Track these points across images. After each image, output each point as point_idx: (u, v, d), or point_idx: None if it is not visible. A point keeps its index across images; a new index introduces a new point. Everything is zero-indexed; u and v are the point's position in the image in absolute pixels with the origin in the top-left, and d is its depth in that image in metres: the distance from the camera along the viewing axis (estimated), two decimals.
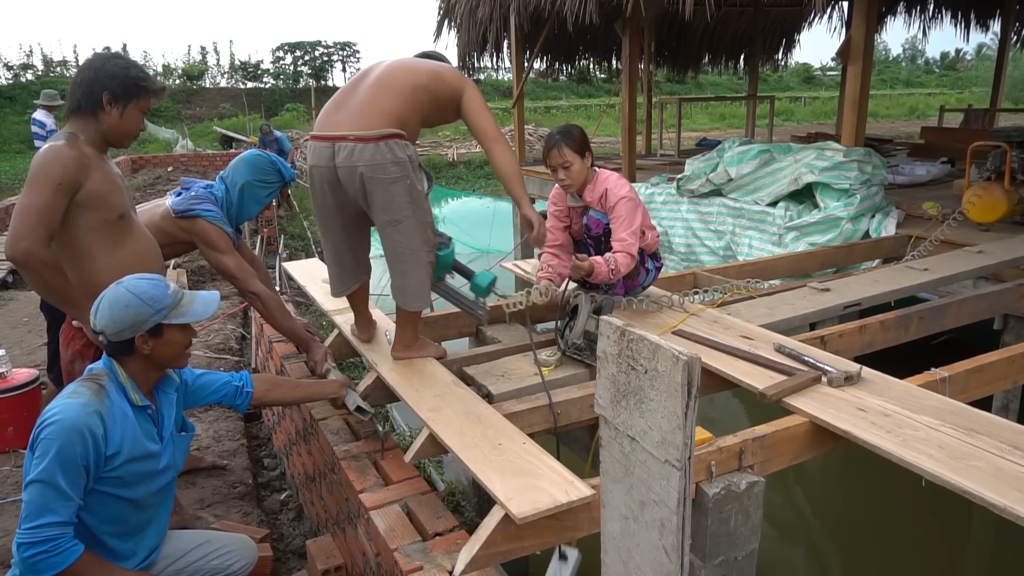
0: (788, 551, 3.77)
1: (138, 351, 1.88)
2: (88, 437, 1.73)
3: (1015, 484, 1.73)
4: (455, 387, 2.44)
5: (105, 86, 2.23)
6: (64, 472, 1.69)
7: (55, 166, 2.12)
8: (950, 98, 31.74)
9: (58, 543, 1.69)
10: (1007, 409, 4.03)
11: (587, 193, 2.96)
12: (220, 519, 2.79)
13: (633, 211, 2.85)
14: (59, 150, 2.15)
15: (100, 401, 1.79)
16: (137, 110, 2.31)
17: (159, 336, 1.89)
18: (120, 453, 1.81)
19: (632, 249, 2.83)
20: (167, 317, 1.89)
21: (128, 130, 2.32)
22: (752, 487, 2.00)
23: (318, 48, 32.69)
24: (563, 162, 2.85)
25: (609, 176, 2.95)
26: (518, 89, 9.22)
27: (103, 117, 2.25)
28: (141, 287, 1.88)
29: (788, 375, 2.40)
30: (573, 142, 2.83)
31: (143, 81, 2.30)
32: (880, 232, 4.96)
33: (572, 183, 2.90)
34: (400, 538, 1.88)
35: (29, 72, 27.39)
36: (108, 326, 1.84)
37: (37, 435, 1.72)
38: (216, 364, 4.54)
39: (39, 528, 1.67)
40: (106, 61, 2.27)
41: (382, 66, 2.49)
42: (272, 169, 2.88)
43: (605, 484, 1.25)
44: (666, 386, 1.05)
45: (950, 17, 11.35)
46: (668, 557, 1.13)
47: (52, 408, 1.75)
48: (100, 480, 1.79)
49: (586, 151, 2.87)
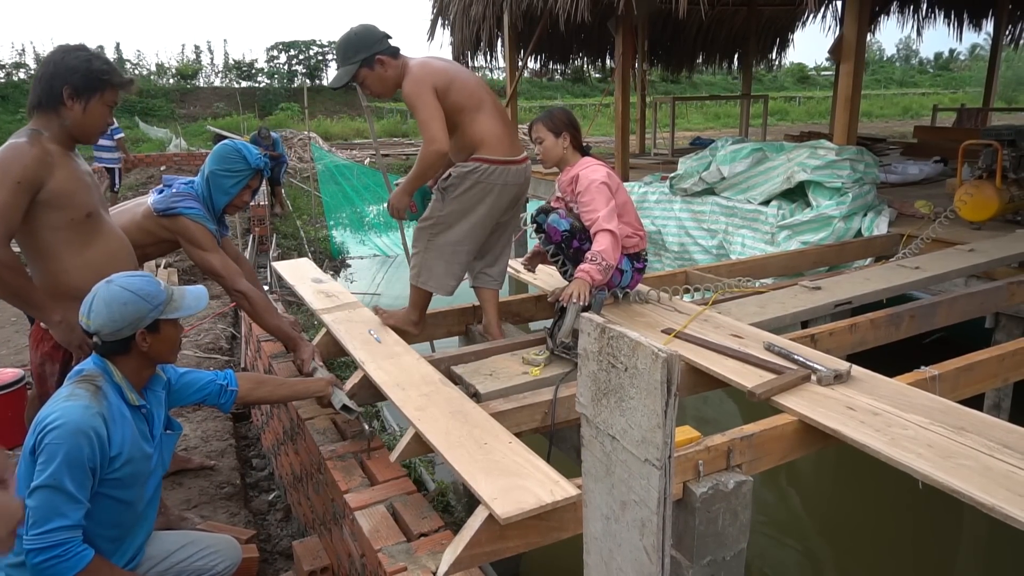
0: (777, 550, 3.76)
1: (135, 349, 1.87)
2: (94, 439, 1.71)
3: (1004, 483, 1.72)
4: (442, 386, 2.41)
5: (65, 80, 2.14)
6: (72, 475, 1.67)
7: (14, 164, 2.05)
8: (944, 98, 31.85)
9: (69, 547, 1.67)
10: (998, 407, 4.02)
11: (563, 174, 3.05)
12: (207, 520, 2.76)
13: (602, 192, 2.83)
14: (19, 147, 2.08)
15: (100, 402, 1.77)
16: (102, 104, 2.23)
17: (157, 332, 1.89)
18: (121, 454, 1.80)
19: (606, 225, 2.76)
20: (163, 312, 1.88)
21: (93, 125, 2.23)
22: (740, 486, 1.98)
23: (312, 47, 32.66)
24: (537, 137, 3.03)
25: (588, 162, 2.97)
26: (511, 88, 9.20)
27: (65, 113, 2.17)
28: (136, 284, 1.86)
29: (778, 374, 2.39)
30: (549, 121, 3.01)
31: (106, 74, 2.20)
32: (872, 231, 4.95)
33: (544, 158, 3.06)
34: (385, 539, 1.86)
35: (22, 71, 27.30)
36: (106, 325, 1.81)
37: (39, 440, 1.69)
38: (206, 363, 4.51)
39: (49, 533, 1.65)
40: (66, 54, 2.18)
41: (484, 85, 2.91)
42: (237, 157, 2.77)
43: (587, 484, 1.23)
44: (646, 384, 1.03)
45: (943, 17, 11.38)
46: (649, 557, 1.11)
47: (52, 412, 1.72)
48: (100, 482, 1.77)
49: (563, 132, 2.98)
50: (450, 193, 2.81)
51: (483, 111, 2.81)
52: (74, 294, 2.21)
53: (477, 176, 2.78)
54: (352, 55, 2.75)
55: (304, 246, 8.96)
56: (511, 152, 2.84)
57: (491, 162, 2.78)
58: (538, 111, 29.03)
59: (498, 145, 2.81)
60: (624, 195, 3.02)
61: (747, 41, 11.64)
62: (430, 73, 2.72)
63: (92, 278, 2.13)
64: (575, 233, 2.95)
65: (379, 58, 2.74)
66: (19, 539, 1.71)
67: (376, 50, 2.73)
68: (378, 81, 2.80)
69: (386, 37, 2.78)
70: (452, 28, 8.86)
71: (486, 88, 2.91)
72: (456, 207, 2.82)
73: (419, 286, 2.96)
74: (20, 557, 1.72)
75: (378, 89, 2.83)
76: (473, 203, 2.82)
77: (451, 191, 2.81)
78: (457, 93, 2.75)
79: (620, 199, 2.95)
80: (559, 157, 3.02)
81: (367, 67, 2.76)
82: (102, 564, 1.76)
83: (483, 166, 2.78)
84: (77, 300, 2.19)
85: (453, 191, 2.80)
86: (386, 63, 2.76)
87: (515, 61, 9.10)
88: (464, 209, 2.82)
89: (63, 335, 2.23)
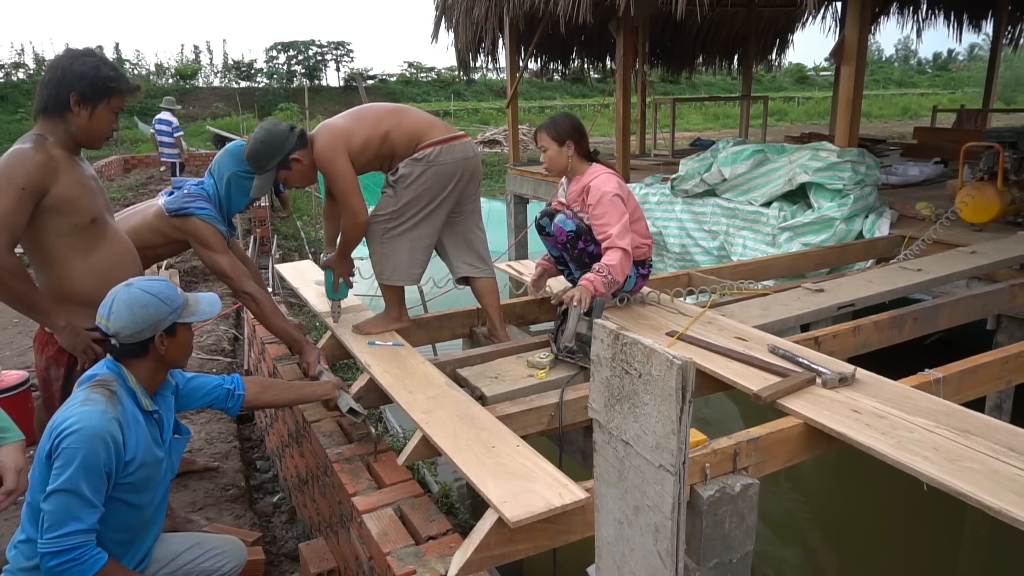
0: (783, 553, 3.77)
1: (152, 352, 1.89)
2: (110, 443, 1.72)
3: (1010, 486, 1.73)
4: (448, 389, 2.42)
5: (72, 86, 2.13)
6: (88, 480, 1.68)
7: (19, 170, 2.04)
8: (943, 98, 31.88)
9: (84, 551, 1.68)
10: (1000, 409, 4.04)
11: (572, 184, 3.03)
12: (212, 522, 2.76)
13: (616, 206, 2.83)
14: (24, 153, 2.08)
15: (115, 407, 1.79)
16: (108, 111, 2.22)
17: (173, 335, 1.91)
18: (135, 459, 1.81)
19: (619, 243, 2.78)
20: (180, 316, 1.91)
21: (99, 131, 2.23)
22: (747, 489, 1.99)
23: (312, 47, 32.64)
24: (541, 146, 3.03)
25: (599, 172, 2.94)
26: (512, 89, 9.21)
27: (71, 119, 2.17)
28: (156, 287, 1.89)
29: (782, 376, 2.39)
30: (552, 129, 2.98)
31: (113, 81, 2.19)
32: (874, 232, 4.97)
33: (548, 167, 3.05)
34: (393, 542, 1.87)
35: (21, 71, 27.27)
36: (127, 327, 1.83)
37: (56, 444, 1.70)
38: (209, 365, 4.52)
39: (64, 536, 1.66)
40: (74, 60, 2.16)
41: (388, 104, 3.05)
42: None
43: (599, 488, 1.24)
44: (660, 390, 1.04)
45: (943, 18, 11.40)
46: (663, 562, 1.12)
47: (69, 416, 1.72)
48: (114, 487, 1.78)
49: (567, 140, 2.95)
50: (402, 183, 2.81)
51: (403, 116, 2.86)
52: (79, 299, 2.22)
53: (426, 161, 2.80)
54: (266, 164, 2.68)
55: (305, 247, 8.96)
56: (447, 132, 2.88)
57: (434, 144, 2.81)
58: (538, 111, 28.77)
59: (432, 130, 2.84)
60: (634, 203, 3.02)
61: (747, 42, 11.66)
62: (335, 137, 2.73)
63: (97, 283, 2.13)
64: (580, 234, 2.95)
65: (292, 158, 2.71)
66: (33, 544, 1.72)
67: (287, 151, 2.68)
68: (299, 176, 2.78)
69: (291, 129, 2.73)
70: (455, 30, 8.87)
71: (392, 104, 3.02)
72: (411, 195, 2.82)
73: (387, 283, 2.96)
74: (34, 561, 1.73)
75: (302, 181, 2.82)
76: (427, 186, 2.82)
77: (403, 181, 2.81)
78: (370, 127, 2.78)
79: (630, 206, 2.95)
80: (564, 166, 2.99)
81: (284, 169, 2.72)
82: (116, 567, 1.77)
83: (428, 150, 2.80)
84: (82, 305, 2.20)
85: (405, 180, 2.81)
86: (300, 157, 2.72)
87: (516, 62, 9.11)
88: (419, 195, 2.82)
89: (68, 340, 2.23)
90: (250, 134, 2.81)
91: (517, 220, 9.21)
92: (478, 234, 3.10)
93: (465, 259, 3.07)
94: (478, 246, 3.09)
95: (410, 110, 2.94)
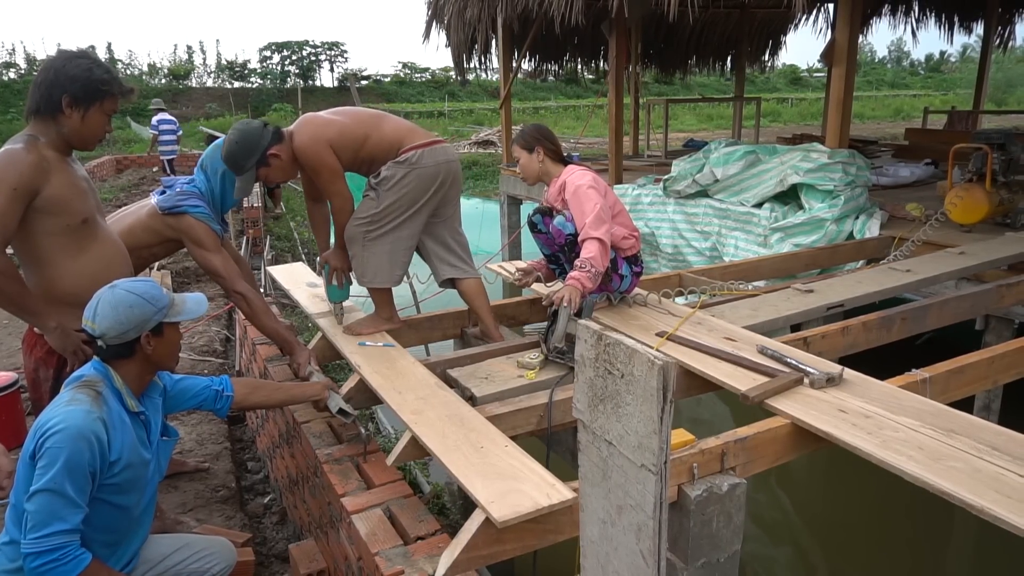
0: (771, 552, 3.78)
1: (139, 352, 1.89)
2: (95, 444, 1.72)
3: (992, 485, 1.74)
4: (438, 389, 2.43)
5: (65, 89, 2.12)
6: (72, 480, 1.68)
7: (10, 171, 2.04)
8: (935, 100, 32.05)
9: (67, 551, 1.68)
10: (988, 409, 4.06)
11: (551, 186, 3.08)
12: (202, 523, 2.76)
13: (589, 197, 2.84)
14: (16, 154, 2.07)
15: (100, 407, 1.78)
16: (101, 113, 2.21)
17: (160, 335, 1.91)
18: (120, 460, 1.81)
19: (593, 233, 2.78)
20: (167, 315, 1.91)
21: (91, 134, 2.22)
22: (734, 489, 2.00)
23: (305, 48, 32.60)
24: (515, 157, 3.14)
25: (574, 170, 3.00)
26: (505, 90, 9.21)
27: (63, 120, 2.15)
28: (140, 287, 1.89)
29: (770, 377, 2.41)
30: (521, 139, 3.07)
31: (106, 84, 2.18)
32: (864, 233, 4.99)
33: (524, 176, 3.13)
34: (382, 542, 1.87)
35: (12, 71, 27.15)
36: (112, 328, 1.83)
37: (40, 444, 1.69)
38: (200, 366, 4.51)
39: (48, 537, 1.66)
40: (67, 61, 2.15)
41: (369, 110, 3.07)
42: None
43: (583, 488, 1.24)
44: (642, 390, 1.04)
45: (934, 19, 11.45)
46: (645, 561, 1.13)
47: (53, 416, 1.72)
48: (99, 487, 1.78)
49: (535, 146, 3.02)
50: (385, 185, 2.84)
51: (383, 120, 2.91)
52: (69, 300, 2.21)
53: (409, 163, 2.83)
54: (244, 164, 2.69)
55: (298, 247, 8.94)
56: (427, 137, 2.94)
57: (415, 148, 2.85)
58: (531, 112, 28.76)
59: (413, 136, 2.90)
60: (613, 197, 3.04)
61: (740, 43, 11.70)
62: (316, 128, 2.76)
63: (88, 284, 2.13)
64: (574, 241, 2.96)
65: (270, 154, 2.71)
66: (17, 546, 1.71)
67: (263, 147, 2.68)
68: (279, 171, 2.79)
69: (264, 126, 2.73)
70: (447, 30, 8.86)
71: (373, 110, 3.07)
72: (393, 198, 2.84)
73: (368, 285, 2.99)
74: (17, 563, 1.72)
75: (283, 176, 2.83)
76: (409, 189, 2.85)
77: (386, 183, 2.83)
78: (350, 122, 2.82)
79: (609, 200, 2.96)
80: (538, 171, 3.06)
81: (263, 166, 2.73)
82: (100, 568, 1.77)
83: (410, 154, 2.84)
84: (72, 306, 2.19)
85: (388, 183, 2.83)
86: (278, 152, 2.73)
87: (509, 63, 9.11)
88: (400, 197, 2.85)
89: (58, 341, 2.22)
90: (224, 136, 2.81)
91: (510, 221, 9.22)
92: (459, 238, 3.14)
93: (448, 261, 3.10)
94: (459, 249, 3.13)
95: (391, 116, 3.00)
